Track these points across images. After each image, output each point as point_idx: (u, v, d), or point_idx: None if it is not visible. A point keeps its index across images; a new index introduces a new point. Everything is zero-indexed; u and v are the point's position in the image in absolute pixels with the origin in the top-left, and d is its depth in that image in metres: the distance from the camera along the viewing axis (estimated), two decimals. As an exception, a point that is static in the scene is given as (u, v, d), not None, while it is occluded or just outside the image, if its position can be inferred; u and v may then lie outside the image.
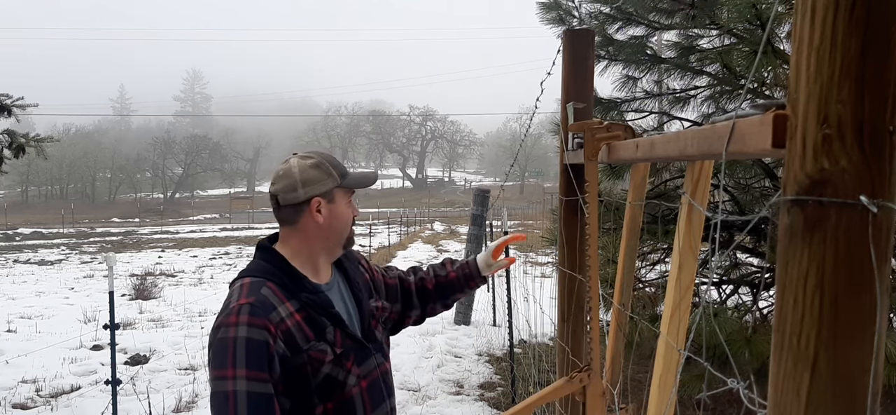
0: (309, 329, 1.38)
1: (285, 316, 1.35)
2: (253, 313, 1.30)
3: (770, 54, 3.23)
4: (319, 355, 1.37)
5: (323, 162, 1.48)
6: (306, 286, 1.42)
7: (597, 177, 1.65)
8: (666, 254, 4.37)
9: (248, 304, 1.32)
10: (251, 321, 1.29)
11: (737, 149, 0.76)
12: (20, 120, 5.49)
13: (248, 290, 1.36)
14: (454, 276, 1.84)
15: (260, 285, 1.37)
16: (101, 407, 4.86)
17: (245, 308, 1.31)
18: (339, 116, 72.31)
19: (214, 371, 1.29)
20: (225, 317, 1.32)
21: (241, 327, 1.29)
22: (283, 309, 1.36)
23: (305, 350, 1.35)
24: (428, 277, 1.83)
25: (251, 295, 1.34)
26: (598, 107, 4.40)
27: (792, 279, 0.60)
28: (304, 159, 1.48)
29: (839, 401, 0.58)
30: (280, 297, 1.37)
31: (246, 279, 1.40)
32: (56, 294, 11.11)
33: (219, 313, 1.35)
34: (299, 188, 1.44)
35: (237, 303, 1.33)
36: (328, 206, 1.47)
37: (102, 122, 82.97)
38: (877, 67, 0.55)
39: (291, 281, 1.41)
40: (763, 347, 2.98)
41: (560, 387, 1.74)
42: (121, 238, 27.35)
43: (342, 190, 1.50)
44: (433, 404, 4.99)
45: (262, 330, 1.29)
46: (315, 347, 1.37)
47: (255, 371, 1.27)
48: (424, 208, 40.79)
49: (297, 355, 1.34)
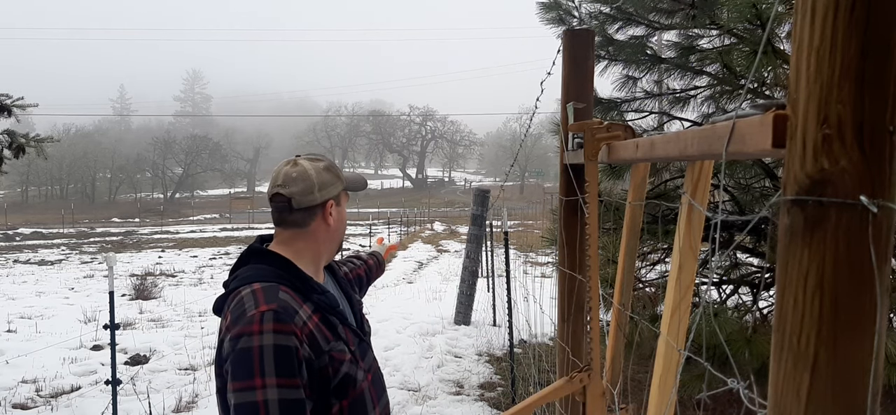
0: (327, 330, 1.38)
1: (306, 319, 1.34)
2: (278, 319, 1.26)
3: (770, 54, 3.23)
4: (340, 354, 1.37)
5: (332, 165, 1.51)
6: (315, 288, 1.42)
7: (597, 177, 1.65)
8: (666, 254, 4.37)
9: (272, 311, 1.27)
10: (277, 328, 1.25)
11: (737, 149, 0.76)
12: (20, 120, 5.49)
13: (265, 296, 1.31)
14: (371, 262, 2.07)
15: (276, 290, 1.34)
16: (101, 407, 4.86)
17: (268, 315, 1.26)
18: (339, 116, 72.28)
19: (239, 383, 1.23)
20: (246, 326, 1.26)
21: (266, 334, 1.24)
22: (303, 312, 1.34)
23: (327, 351, 1.34)
24: (363, 264, 2.03)
25: (271, 301, 1.30)
26: (598, 107, 4.40)
27: (792, 279, 0.60)
28: (315, 162, 1.48)
29: (839, 401, 0.58)
30: (297, 301, 1.35)
31: (256, 285, 1.35)
32: (56, 294, 11.11)
33: (233, 321, 1.29)
34: (316, 191, 1.44)
35: (257, 311, 1.27)
36: (337, 208, 1.50)
37: (102, 122, 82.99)
38: (877, 67, 0.55)
39: (302, 284, 1.40)
40: (763, 347, 2.98)
41: (560, 387, 1.75)
42: (121, 238, 27.35)
43: (344, 193, 1.55)
44: (433, 404, 4.99)
45: (289, 335, 1.26)
46: (335, 347, 1.37)
47: (285, 379, 1.24)
48: (424, 208, 40.78)
49: (320, 357, 1.33)
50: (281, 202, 1.44)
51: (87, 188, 61.23)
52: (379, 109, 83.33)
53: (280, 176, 1.45)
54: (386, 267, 2.21)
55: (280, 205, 1.44)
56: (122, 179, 61.61)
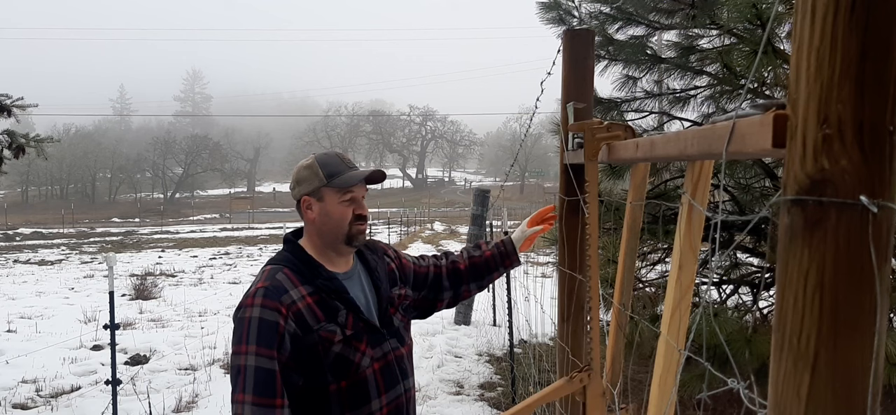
0: (320, 311, 1.50)
1: (297, 299, 1.48)
2: (266, 295, 1.45)
3: (770, 54, 3.22)
4: (329, 334, 1.49)
5: (314, 163, 1.60)
6: (321, 274, 1.55)
7: (597, 177, 1.65)
8: (666, 254, 4.37)
9: (263, 287, 1.47)
10: (264, 303, 1.44)
11: (737, 149, 0.76)
12: (20, 120, 5.49)
13: (266, 275, 1.51)
14: (489, 254, 1.90)
15: (277, 271, 1.52)
16: (101, 407, 4.86)
17: (260, 292, 1.46)
18: (339, 116, 72.22)
19: (233, 347, 1.46)
20: (244, 299, 1.48)
21: (255, 308, 1.44)
22: (296, 292, 1.49)
23: (316, 330, 1.48)
24: (461, 259, 1.89)
25: (267, 280, 1.49)
26: (598, 107, 4.40)
27: (792, 279, 0.60)
28: (306, 160, 1.62)
29: (839, 401, 0.58)
30: (294, 282, 1.50)
31: (267, 267, 1.55)
32: (56, 294, 11.11)
33: (243, 296, 1.51)
34: (295, 187, 1.61)
35: (255, 287, 1.49)
36: (318, 204, 1.58)
37: (102, 122, 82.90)
38: (877, 68, 0.55)
39: (307, 268, 1.54)
40: (763, 347, 2.98)
41: (560, 387, 1.75)
42: (121, 238, 27.35)
43: (332, 189, 1.57)
44: (433, 404, 4.99)
45: (273, 311, 1.44)
46: (325, 327, 1.49)
47: (264, 348, 1.41)
48: (424, 208, 40.79)
49: (308, 334, 1.47)
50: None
51: (87, 188, 61.21)
52: (379, 108, 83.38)
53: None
54: (518, 258, 1.90)
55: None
56: (122, 180, 61.63)
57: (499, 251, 1.89)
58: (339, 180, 1.58)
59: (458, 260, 1.88)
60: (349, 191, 1.58)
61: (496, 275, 1.92)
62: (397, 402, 1.59)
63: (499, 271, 1.91)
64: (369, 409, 1.53)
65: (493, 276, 1.91)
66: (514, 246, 1.91)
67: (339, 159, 1.62)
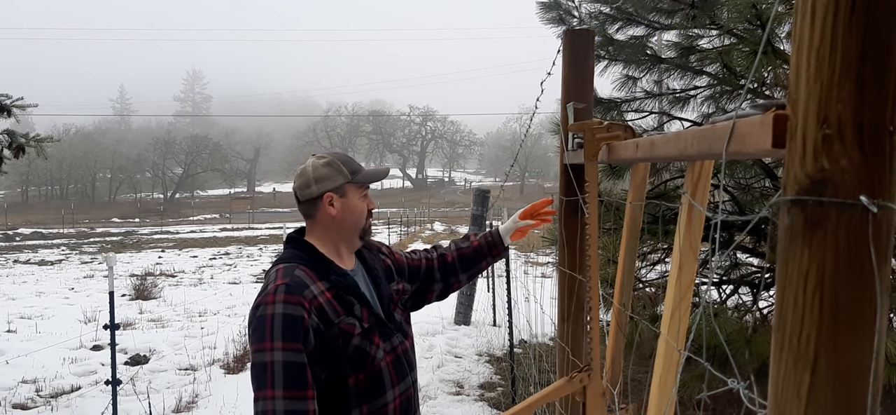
0: (339, 306, 1.53)
1: (317, 294, 1.50)
2: (289, 291, 1.46)
3: (770, 54, 3.22)
4: (349, 327, 1.52)
5: (334, 160, 1.64)
6: (334, 270, 1.57)
7: (597, 177, 1.65)
8: (666, 254, 4.37)
9: (284, 284, 1.47)
10: (287, 299, 1.44)
11: (737, 149, 0.76)
12: (20, 120, 5.48)
13: (284, 273, 1.51)
14: (477, 244, 1.93)
15: (293, 268, 1.53)
16: (101, 407, 4.86)
17: (281, 288, 1.46)
18: (339, 116, 72.20)
19: (255, 345, 1.44)
20: (263, 297, 1.47)
21: (277, 304, 1.44)
22: (315, 288, 1.51)
23: (337, 323, 1.50)
24: (449, 250, 1.94)
25: (286, 277, 1.49)
26: (598, 107, 4.39)
27: (792, 279, 0.60)
28: (319, 159, 1.64)
29: (839, 401, 0.58)
30: (312, 278, 1.52)
31: (281, 265, 1.56)
32: (56, 294, 11.11)
33: (258, 295, 1.50)
34: (313, 185, 1.61)
35: (274, 284, 1.48)
36: (340, 200, 1.61)
37: (102, 122, 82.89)
38: (877, 68, 0.55)
39: (320, 265, 1.56)
40: (763, 347, 2.98)
41: (560, 387, 1.75)
42: (121, 238, 27.34)
43: (354, 186, 1.63)
44: (433, 405, 4.99)
45: (296, 306, 1.44)
46: (345, 320, 1.52)
47: (290, 343, 1.42)
48: (424, 208, 40.79)
49: (329, 328, 1.49)
50: (294, 197, 1.66)
51: (87, 188, 61.20)
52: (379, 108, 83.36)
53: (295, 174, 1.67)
54: (507, 247, 1.92)
55: (294, 199, 1.66)
56: (122, 180, 61.60)
57: (487, 241, 1.93)
58: (361, 176, 1.64)
59: (447, 252, 1.93)
60: (367, 186, 1.66)
61: (484, 264, 1.95)
62: (407, 393, 1.65)
63: (487, 260, 1.93)
64: (384, 400, 1.57)
65: (482, 265, 1.95)
66: (502, 236, 1.93)
67: (352, 158, 1.69)
